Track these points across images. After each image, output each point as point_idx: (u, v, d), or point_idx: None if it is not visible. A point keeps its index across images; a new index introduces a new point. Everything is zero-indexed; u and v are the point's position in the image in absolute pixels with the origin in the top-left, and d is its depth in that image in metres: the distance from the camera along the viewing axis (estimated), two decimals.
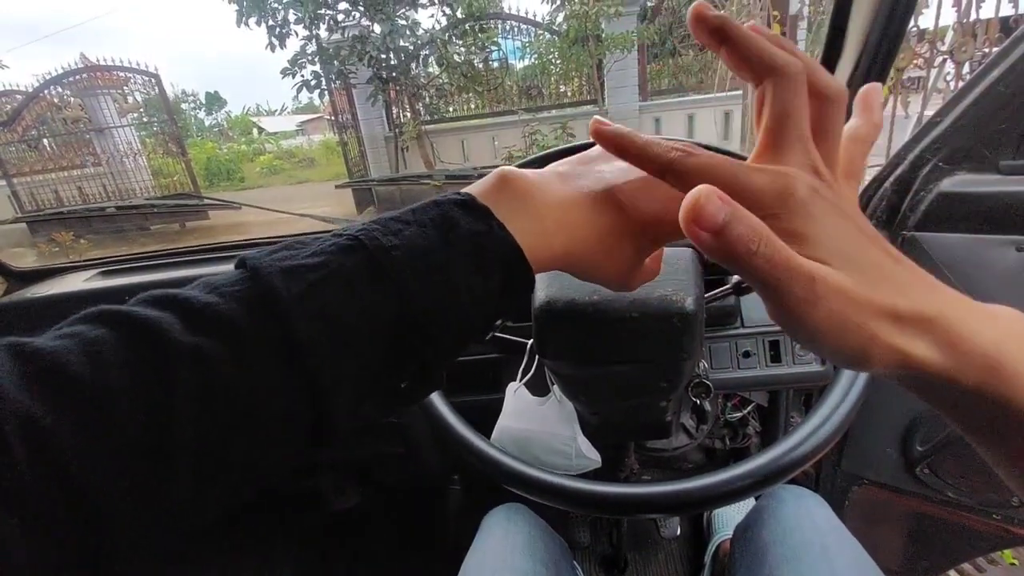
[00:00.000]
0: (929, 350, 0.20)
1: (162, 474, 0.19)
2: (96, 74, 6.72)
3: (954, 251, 0.64)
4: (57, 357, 0.19)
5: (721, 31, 0.22)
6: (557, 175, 0.29)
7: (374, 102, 6.08)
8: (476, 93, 6.61)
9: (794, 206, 0.20)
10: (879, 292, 0.20)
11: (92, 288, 1.00)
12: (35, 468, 0.17)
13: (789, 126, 0.22)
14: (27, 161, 7.07)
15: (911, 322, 0.20)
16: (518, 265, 0.25)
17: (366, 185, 5.57)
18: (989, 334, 0.20)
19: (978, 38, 2.03)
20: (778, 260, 0.19)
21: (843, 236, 0.21)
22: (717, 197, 0.19)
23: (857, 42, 0.58)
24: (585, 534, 1.07)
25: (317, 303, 0.21)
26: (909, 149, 0.67)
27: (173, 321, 0.20)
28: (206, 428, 0.19)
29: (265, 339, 0.21)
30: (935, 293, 0.21)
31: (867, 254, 0.21)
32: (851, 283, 0.20)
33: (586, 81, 6.30)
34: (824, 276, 0.19)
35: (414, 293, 0.23)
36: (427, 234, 0.24)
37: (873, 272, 0.20)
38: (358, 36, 5.58)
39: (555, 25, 6.03)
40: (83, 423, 0.18)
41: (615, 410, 0.57)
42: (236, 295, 0.21)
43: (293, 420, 0.21)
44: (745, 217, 0.19)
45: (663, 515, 0.97)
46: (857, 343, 0.20)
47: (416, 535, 1.18)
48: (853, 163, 0.25)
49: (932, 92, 2.05)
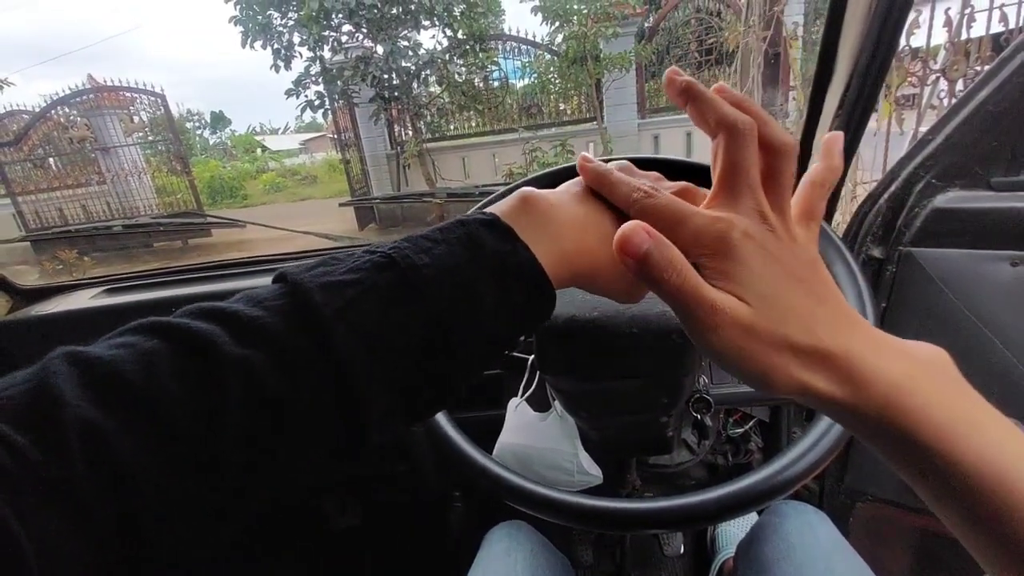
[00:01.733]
0: (829, 384, 0.22)
1: (209, 482, 0.20)
2: (103, 94, 6.83)
3: (950, 266, 0.65)
4: (115, 365, 0.19)
5: (686, 92, 0.25)
6: (572, 196, 0.30)
7: (376, 121, 6.17)
8: (477, 111, 6.70)
9: (725, 248, 0.23)
10: (783, 328, 0.23)
11: (97, 306, 1.01)
12: (92, 471, 0.17)
13: (739, 175, 0.24)
14: (33, 180, 7.14)
15: (812, 357, 0.22)
16: (540, 284, 0.26)
17: (368, 203, 5.61)
18: (896, 370, 0.22)
19: (971, 56, 2.06)
20: (686, 288, 0.22)
21: (765, 277, 0.23)
22: (644, 231, 0.22)
23: (848, 64, 0.59)
24: (588, 553, 1.05)
25: (354, 318, 0.22)
26: (903, 166, 0.68)
27: (221, 334, 0.21)
28: (252, 438, 0.20)
29: (306, 352, 0.22)
30: (849, 331, 0.23)
31: (785, 294, 0.23)
32: (754, 318, 0.23)
33: (585, 99, 6.39)
34: (724, 308, 0.23)
35: (443, 310, 0.24)
36: (455, 252, 0.25)
37: (784, 310, 0.23)
38: (361, 57, 5.68)
39: (554, 45, 6.14)
40: (139, 430, 0.19)
41: (616, 426, 0.58)
42: (279, 309, 0.22)
43: (329, 431, 0.22)
44: (664, 249, 0.22)
45: (665, 531, 0.96)
46: (756, 369, 0.23)
47: (418, 553, 1.17)
48: (812, 205, 0.27)
49: (926, 109, 2.08)
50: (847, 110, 0.62)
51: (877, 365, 0.22)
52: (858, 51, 0.57)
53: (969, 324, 0.64)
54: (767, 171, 0.25)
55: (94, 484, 0.17)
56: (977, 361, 0.63)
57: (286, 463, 0.22)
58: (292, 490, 0.23)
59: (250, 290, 0.24)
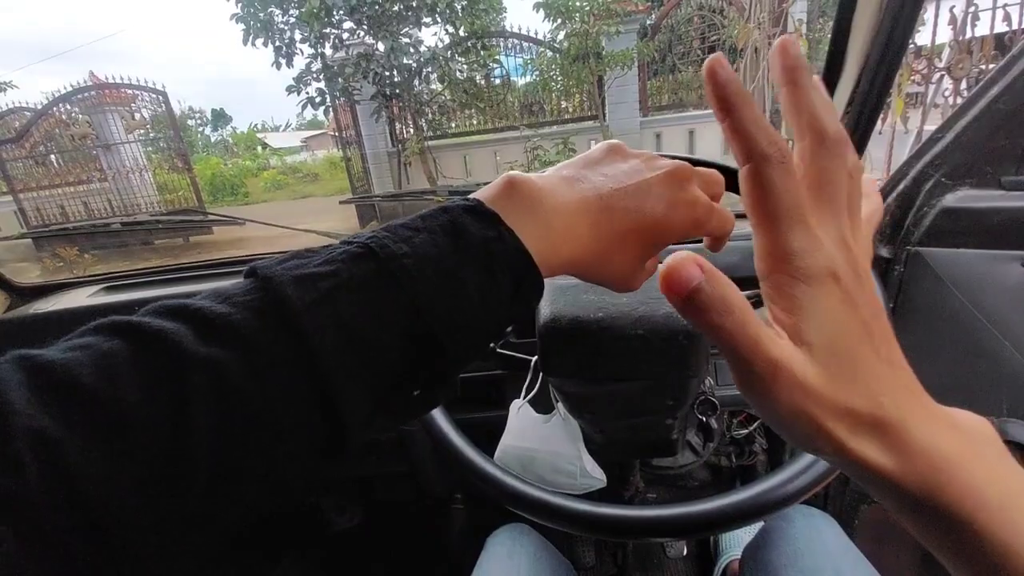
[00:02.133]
0: (879, 453, 0.20)
1: (176, 489, 0.18)
2: (104, 92, 6.83)
3: (959, 266, 0.64)
4: (69, 370, 0.18)
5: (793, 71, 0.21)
6: (562, 179, 0.29)
7: (377, 118, 6.16)
8: (478, 109, 6.69)
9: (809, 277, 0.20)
10: (845, 391, 0.20)
11: (96, 304, 1.00)
12: (46, 485, 0.16)
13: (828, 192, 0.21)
14: (34, 177, 7.15)
15: (868, 425, 0.20)
16: (528, 270, 0.25)
17: (369, 201, 5.61)
18: (944, 443, 0.20)
19: (974, 55, 2.05)
20: (743, 337, 0.19)
21: (840, 328, 0.20)
22: (695, 264, 0.19)
23: (857, 61, 0.58)
24: (590, 555, 1.05)
25: (329, 312, 0.21)
26: (911, 165, 0.67)
27: (186, 332, 0.20)
28: (221, 441, 0.19)
29: (279, 349, 0.20)
30: (908, 400, 0.21)
31: (856, 351, 0.20)
32: (818, 379, 0.20)
33: (587, 97, 6.38)
34: (789, 366, 0.19)
35: (425, 300, 0.22)
36: (437, 241, 0.23)
37: (852, 371, 0.20)
38: (362, 54, 5.67)
39: (556, 43, 6.12)
40: (96, 438, 0.17)
41: (620, 428, 0.57)
42: (248, 305, 0.21)
43: (307, 431, 0.21)
44: (720, 287, 0.19)
45: (670, 539, 0.95)
46: (808, 433, 0.20)
47: (419, 554, 1.16)
48: (867, 243, 0.25)
49: (931, 107, 2.07)
50: (856, 107, 0.61)
51: (927, 437, 0.20)
52: (868, 47, 0.56)
53: (978, 325, 0.63)
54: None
55: (49, 498, 0.16)
56: (986, 362, 0.62)
57: (261, 467, 0.20)
58: (273, 495, 0.21)
59: (218, 286, 0.22)
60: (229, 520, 0.20)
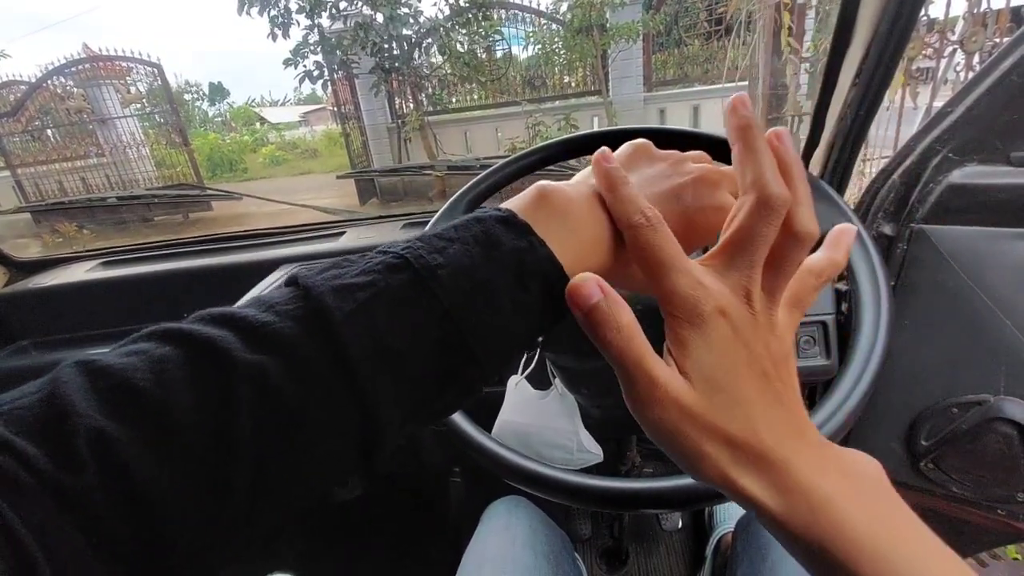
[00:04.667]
0: (761, 489, 0.21)
1: (223, 489, 0.19)
2: (98, 64, 6.70)
3: (963, 244, 0.63)
4: (125, 374, 0.19)
5: (742, 131, 0.24)
6: (590, 187, 0.29)
7: (377, 92, 6.05)
8: (479, 83, 6.56)
9: (693, 318, 0.23)
10: (722, 417, 0.22)
11: (93, 279, 1.00)
12: (104, 480, 0.17)
13: (746, 248, 0.23)
14: (31, 152, 7.08)
15: (748, 456, 0.21)
16: (557, 280, 0.25)
17: (368, 176, 5.55)
18: (828, 484, 0.21)
19: (988, 28, 1.99)
20: (628, 354, 0.22)
21: (722, 362, 0.22)
22: (595, 284, 0.22)
23: (867, 32, 0.56)
24: (586, 526, 1.07)
25: (366, 322, 0.22)
26: (918, 140, 0.65)
27: (233, 339, 0.21)
28: (265, 444, 0.20)
29: (319, 357, 0.21)
30: (795, 441, 0.22)
31: (738, 385, 0.22)
32: (694, 401, 0.22)
33: (590, 71, 6.24)
34: (666, 385, 0.22)
35: (459, 311, 0.23)
36: (471, 251, 0.24)
37: (731, 402, 0.22)
38: (360, 24, 5.53)
39: (559, 14, 5.97)
40: (150, 438, 0.18)
41: (617, 403, 0.57)
42: (290, 314, 0.22)
43: (345, 435, 0.22)
44: (613, 307, 0.22)
45: (665, 511, 0.97)
46: (686, 453, 0.22)
47: (418, 526, 1.19)
48: (803, 293, 0.26)
49: (941, 83, 2.02)
50: (864, 80, 0.59)
51: (809, 477, 0.21)
52: (878, 18, 0.54)
53: (979, 302, 0.63)
54: (776, 252, 0.23)
55: (106, 494, 0.17)
56: (986, 340, 0.62)
57: (302, 469, 0.21)
58: (310, 496, 0.23)
59: (260, 295, 0.23)
60: (270, 521, 0.21)
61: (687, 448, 0.22)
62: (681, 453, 0.22)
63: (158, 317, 0.25)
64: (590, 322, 0.22)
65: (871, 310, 0.44)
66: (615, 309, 0.22)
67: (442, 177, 1.55)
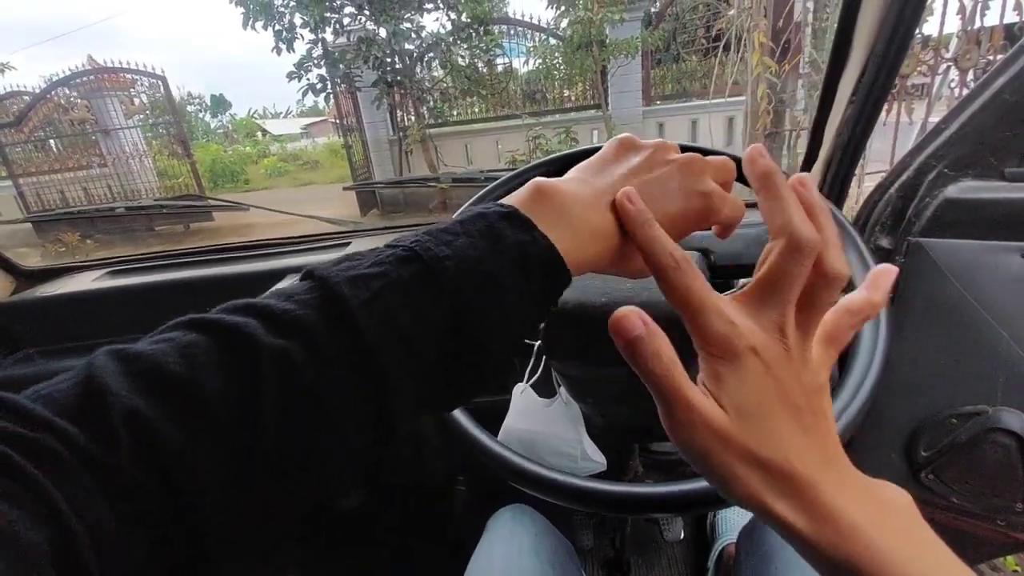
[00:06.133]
0: (791, 511, 0.22)
1: (248, 468, 0.20)
2: (103, 76, 6.77)
3: (959, 257, 0.65)
4: (156, 358, 0.20)
5: (764, 179, 0.25)
6: (582, 182, 0.30)
7: (379, 105, 6.11)
8: (480, 97, 6.64)
9: (726, 355, 0.23)
10: (755, 441, 0.22)
11: (100, 288, 1.01)
12: (139, 459, 0.18)
13: (778, 289, 0.24)
14: (33, 162, 7.11)
15: (778, 477, 0.22)
16: (558, 271, 0.27)
17: (371, 188, 5.58)
18: (858, 511, 0.22)
19: (982, 45, 2.03)
20: (667, 382, 0.23)
21: (754, 395, 0.23)
22: (639, 319, 0.23)
23: (863, 49, 0.58)
24: (588, 536, 1.07)
25: (381, 309, 0.23)
26: (914, 155, 0.67)
27: (257, 326, 0.22)
28: (288, 422, 0.21)
29: (338, 342, 0.22)
30: (823, 465, 0.23)
31: (770, 416, 0.23)
32: (727, 425, 0.23)
33: (590, 86, 6.32)
34: (701, 409, 0.23)
35: (466, 300, 0.24)
36: (476, 244, 0.25)
37: (762, 430, 0.23)
38: (363, 38, 5.60)
39: (559, 30, 6.05)
40: (182, 419, 0.19)
41: (622, 412, 0.58)
42: (309, 302, 0.23)
43: (362, 417, 0.23)
44: (655, 340, 0.23)
45: (667, 514, 0.97)
46: (718, 473, 0.23)
47: (421, 535, 1.18)
48: (839, 331, 0.27)
49: (936, 99, 2.05)
50: (861, 96, 0.61)
51: (840, 503, 0.22)
52: (875, 36, 0.56)
53: (976, 316, 0.64)
54: (808, 291, 0.24)
55: (141, 471, 0.18)
56: (984, 353, 0.63)
57: (321, 450, 0.22)
58: (329, 482, 0.23)
59: (278, 287, 0.25)
60: (291, 506, 0.22)
61: (720, 469, 0.23)
62: (714, 473, 0.23)
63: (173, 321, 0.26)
64: (632, 352, 0.23)
65: (870, 322, 0.45)
66: (656, 341, 0.23)
67: (444, 189, 1.57)
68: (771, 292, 0.24)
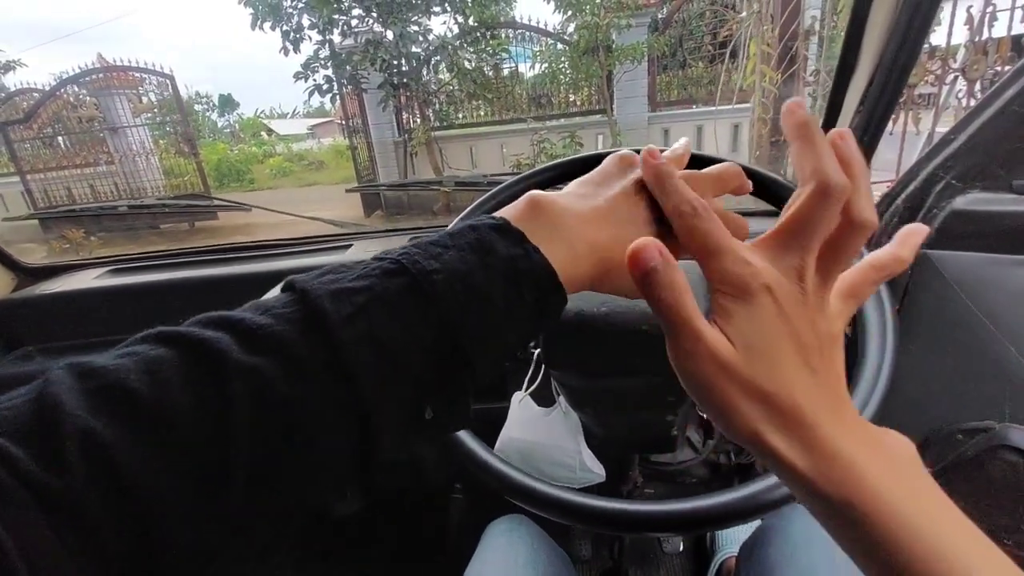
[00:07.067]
0: (790, 448, 0.22)
1: (215, 492, 0.19)
2: (112, 74, 6.81)
3: (966, 269, 0.64)
4: (118, 374, 0.19)
5: (801, 129, 0.24)
6: (579, 196, 0.30)
7: (385, 107, 6.13)
8: (486, 100, 6.64)
9: (740, 294, 0.23)
10: (762, 377, 0.22)
11: (102, 286, 1.01)
12: (94, 483, 0.17)
13: (801, 234, 0.23)
14: (41, 158, 7.15)
15: (779, 412, 0.22)
16: (552, 288, 0.26)
17: (375, 190, 5.60)
18: (860, 454, 0.21)
19: (990, 56, 2.02)
20: (678, 311, 0.23)
21: (763, 332, 0.23)
22: (656, 249, 0.23)
23: (872, 58, 0.58)
24: (586, 547, 1.06)
25: (364, 325, 0.22)
26: (922, 166, 0.66)
27: (230, 342, 0.21)
28: (260, 447, 0.20)
29: (316, 359, 0.21)
30: (829, 408, 0.22)
31: (778, 353, 0.22)
32: (734, 357, 0.22)
33: (596, 91, 6.32)
34: (708, 340, 0.23)
35: (454, 315, 0.23)
36: (466, 258, 0.25)
37: (769, 365, 0.22)
38: (371, 40, 5.63)
39: (566, 35, 6.06)
40: (141, 439, 0.18)
41: (621, 423, 0.57)
42: (287, 317, 0.22)
43: (341, 437, 0.22)
44: (670, 271, 0.23)
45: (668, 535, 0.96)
46: (719, 405, 0.23)
47: (418, 543, 1.17)
48: (862, 286, 0.26)
49: (943, 109, 2.04)
50: (868, 106, 0.60)
51: (840, 445, 0.22)
52: (884, 44, 0.55)
53: (983, 330, 0.63)
54: (834, 238, 0.24)
55: (96, 497, 0.17)
56: (991, 365, 0.62)
57: (297, 473, 0.21)
58: (307, 502, 0.22)
59: (257, 299, 0.24)
60: (263, 527, 0.21)
61: (722, 401, 0.23)
62: (715, 406, 0.23)
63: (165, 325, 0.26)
64: (647, 283, 0.23)
65: (876, 334, 0.44)
66: (671, 272, 0.23)
67: (448, 192, 1.56)
68: (793, 236, 0.23)
